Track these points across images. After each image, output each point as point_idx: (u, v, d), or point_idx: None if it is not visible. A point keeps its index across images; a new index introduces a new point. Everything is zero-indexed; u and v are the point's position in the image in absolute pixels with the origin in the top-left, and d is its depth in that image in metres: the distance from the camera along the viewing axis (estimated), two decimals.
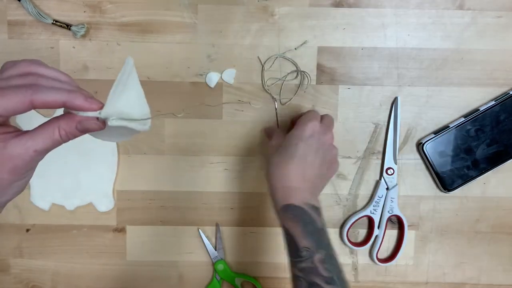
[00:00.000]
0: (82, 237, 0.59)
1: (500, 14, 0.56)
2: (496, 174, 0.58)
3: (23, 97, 0.31)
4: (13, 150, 0.32)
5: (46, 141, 0.33)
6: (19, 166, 0.32)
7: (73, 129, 0.34)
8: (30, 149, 0.32)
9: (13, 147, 0.32)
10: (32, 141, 0.33)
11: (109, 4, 0.56)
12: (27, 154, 0.32)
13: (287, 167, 0.46)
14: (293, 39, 0.56)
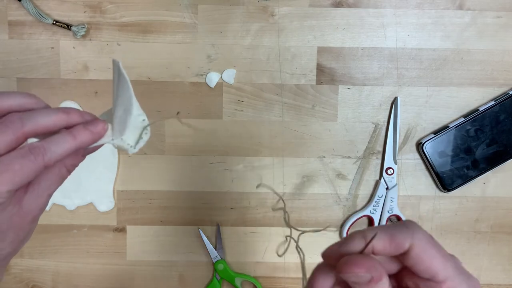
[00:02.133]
0: (83, 237, 0.59)
1: (500, 14, 0.56)
2: (496, 174, 0.58)
3: (36, 167, 0.30)
4: (29, 206, 0.32)
5: (56, 182, 0.33)
6: (38, 213, 0.33)
7: (78, 157, 0.34)
8: (43, 196, 0.33)
9: (29, 204, 0.32)
10: (42, 188, 0.33)
11: (109, 4, 0.56)
12: (42, 202, 0.33)
13: None
14: (293, 39, 0.56)
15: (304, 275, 0.60)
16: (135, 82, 0.57)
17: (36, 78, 0.56)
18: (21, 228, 0.32)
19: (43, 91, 0.56)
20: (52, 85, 0.56)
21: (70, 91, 0.57)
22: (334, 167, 0.58)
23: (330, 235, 0.59)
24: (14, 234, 0.32)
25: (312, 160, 0.58)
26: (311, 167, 0.58)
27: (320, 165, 0.58)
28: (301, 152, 0.58)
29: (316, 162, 0.58)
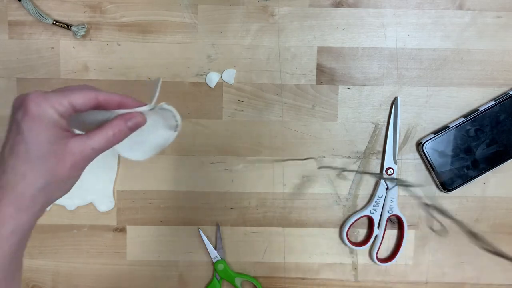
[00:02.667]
0: (83, 237, 0.59)
1: (500, 14, 0.56)
2: (495, 174, 0.58)
3: (93, 94, 0.37)
4: (73, 148, 0.36)
5: (102, 140, 0.37)
6: (78, 161, 0.37)
7: (124, 126, 0.39)
8: (88, 147, 0.37)
9: (74, 145, 0.36)
10: (90, 140, 0.37)
11: (109, 4, 0.56)
12: (85, 151, 0.37)
13: None
14: (293, 39, 0.56)
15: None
16: (135, 82, 0.57)
17: (36, 78, 0.56)
18: (62, 165, 0.36)
19: None
20: (52, 85, 0.56)
21: None
22: (334, 167, 0.58)
23: (330, 235, 0.59)
24: (55, 164, 0.35)
25: (312, 160, 0.58)
26: (311, 167, 0.58)
27: (320, 165, 0.58)
28: (301, 152, 0.58)
29: (316, 162, 0.58)
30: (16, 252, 0.36)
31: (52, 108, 0.35)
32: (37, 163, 0.35)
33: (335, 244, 0.59)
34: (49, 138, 0.35)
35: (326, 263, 0.59)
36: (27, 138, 0.35)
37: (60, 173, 0.36)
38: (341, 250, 0.59)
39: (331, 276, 0.60)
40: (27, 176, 0.35)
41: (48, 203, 0.37)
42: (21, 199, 0.35)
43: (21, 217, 0.35)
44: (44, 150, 0.35)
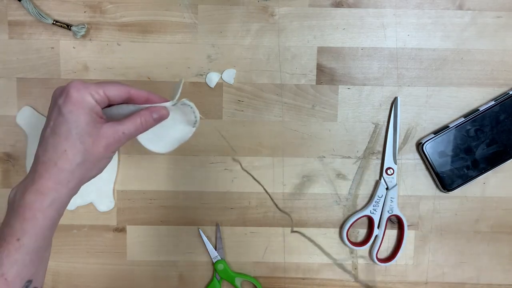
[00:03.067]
0: (82, 237, 0.59)
1: (500, 14, 0.56)
2: (496, 174, 0.58)
3: (125, 88, 0.43)
4: (107, 131, 0.41)
5: (131, 126, 0.43)
6: (111, 143, 0.41)
7: (150, 117, 0.44)
8: (119, 131, 0.42)
9: (107, 129, 0.41)
10: (121, 126, 0.42)
11: (109, 4, 0.56)
12: (117, 134, 0.42)
13: None
14: (293, 39, 0.56)
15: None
16: (135, 82, 0.57)
17: (36, 78, 0.56)
18: (97, 145, 0.41)
19: (43, 91, 0.56)
20: (52, 85, 0.56)
21: None
22: (334, 167, 0.58)
23: (330, 235, 0.59)
24: (91, 144, 0.40)
25: (312, 160, 0.58)
26: (311, 167, 0.58)
27: (320, 165, 0.58)
28: (301, 152, 0.58)
29: (316, 162, 0.58)
30: (51, 227, 0.40)
31: (90, 95, 0.40)
32: (76, 141, 0.40)
33: (335, 244, 0.59)
34: (87, 121, 0.40)
35: (326, 263, 0.59)
36: (68, 119, 0.39)
37: (95, 152, 0.41)
38: (341, 250, 0.59)
39: (331, 276, 0.60)
40: (68, 152, 0.39)
41: (83, 180, 0.42)
42: (62, 173, 0.39)
43: (60, 190, 0.39)
44: (83, 131, 0.40)
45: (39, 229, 0.39)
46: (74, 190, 0.41)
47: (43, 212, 0.39)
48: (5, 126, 0.57)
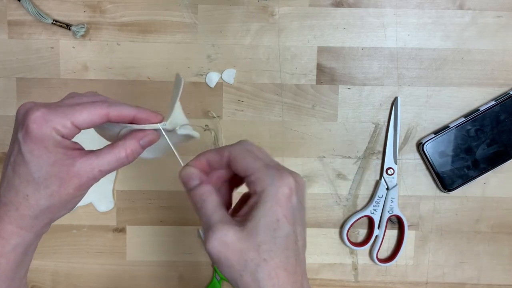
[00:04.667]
0: (82, 237, 0.59)
1: (500, 14, 0.56)
2: (496, 174, 0.58)
3: (100, 109, 0.34)
4: (80, 168, 0.34)
5: (111, 161, 0.35)
6: (84, 183, 0.34)
7: (138, 146, 0.36)
8: (95, 168, 0.34)
9: (81, 166, 0.34)
10: (98, 161, 0.34)
11: (109, 4, 0.56)
12: (92, 173, 0.34)
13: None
14: (293, 39, 0.56)
15: None
16: (135, 82, 0.57)
17: (36, 78, 0.56)
18: (65, 187, 0.34)
19: (43, 91, 0.56)
20: (51, 85, 0.56)
21: (69, 91, 0.55)
22: (334, 167, 0.58)
23: (330, 235, 0.59)
24: (57, 187, 0.34)
25: (312, 160, 0.58)
26: (311, 167, 0.58)
27: (320, 165, 0.58)
28: (301, 152, 0.58)
29: (316, 162, 0.58)
30: (17, 267, 0.36)
31: (53, 130, 0.33)
32: (39, 185, 0.34)
33: (335, 244, 0.59)
34: (51, 161, 0.33)
35: (326, 263, 0.59)
36: (29, 161, 0.33)
37: (64, 195, 0.34)
38: (341, 250, 0.59)
39: (331, 276, 0.60)
40: (29, 198, 0.34)
41: (52, 220, 0.36)
42: (23, 219, 0.35)
43: (24, 235, 0.35)
44: (46, 173, 0.33)
45: (2, 272, 0.35)
46: (43, 230, 0.37)
47: (6, 257, 0.35)
48: (5, 126, 0.57)
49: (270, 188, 0.31)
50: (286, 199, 0.31)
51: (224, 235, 0.31)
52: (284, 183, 0.32)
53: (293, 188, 0.32)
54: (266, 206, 0.31)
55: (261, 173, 0.32)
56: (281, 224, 0.31)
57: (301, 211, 0.33)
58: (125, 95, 0.57)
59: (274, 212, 0.31)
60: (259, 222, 0.31)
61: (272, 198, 0.31)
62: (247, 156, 0.33)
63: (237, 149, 0.34)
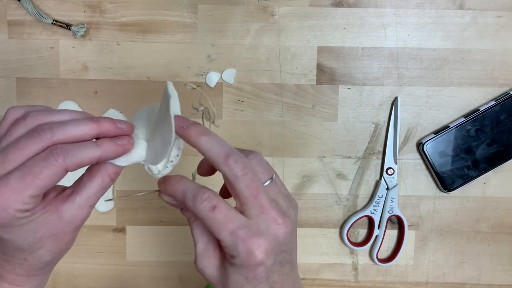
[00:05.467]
0: (82, 237, 0.58)
1: (500, 14, 0.56)
2: (496, 174, 0.58)
3: (56, 168, 0.30)
4: (69, 216, 0.31)
5: (98, 192, 0.32)
6: (79, 223, 0.32)
7: (119, 166, 0.33)
8: (85, 208, 0.32)
9: (69, 213, 0.31)
10: (84, 199, 0.32)
11: (109, 4, 0.56)
12: (84, 213, 0.32)
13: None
14: (293, 39, 0.56)
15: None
16: (135, 82, 0.57)
17: (36, 78, 0.56)
18: (61, 238, 0.32)
19: (43, 91, 0.56)
20: (51, 85, 0.56)
21: (69, 91, 0.57)
22: (334, 167, 0.58)
23: (330, 235, 0.59)
24: (53, 242, 0.32)
25: (312, 160, 0.58)
26: (311, 167, 0.58)
27: (320, 165, 0.58)
28: (301, 152, 0.58)
29: (316, 162, 0.58)
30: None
31: (16, 212, 0.30)
32: (34, 249, 0.32)
33: (335, 244, 0.59)
34: (33, 229, 0.31)
35: (326, 263, 0.59)
36: (9, 240, 0.31)
37: (63, 245, 0.33)
38: (341, 250, 0.59)
39: (331, 276, 0.60)
40: (28, 260, 0.33)
41: (58, 261, 0.35)
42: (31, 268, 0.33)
43: (34, 279, 0.35)
44: (34, 239, 0.31)
45: None
46: (50, 272, 0.36)
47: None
48: None
49: (237, 259, 0.31)
50: (255, 267, 0.31)
51: (203, 268, 0.34)
52: (252, 256, 0.31)
53: (267, 253, 0.31)
54: (235, 271, 0.32)
55: (227, 244, 0.32)
56: (250, 282, 0.32)
57: (277, 262, 0.33)
58: (125, 95, 0.57)
59: (243, 275, 0.32)
60: (229, 276, 0.32)
61: (240, 267, 0.32)
62: (211, 224, 0.32)
63: (201, 211, 0.32)
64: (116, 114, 0.56)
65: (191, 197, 0.33)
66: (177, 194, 0.34)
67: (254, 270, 0.31)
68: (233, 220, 0.32)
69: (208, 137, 0.33)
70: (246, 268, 0.31)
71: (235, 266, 0.32)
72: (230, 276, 0.32)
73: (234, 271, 0.32)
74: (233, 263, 0.32)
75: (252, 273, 0.31)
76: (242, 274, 0.32)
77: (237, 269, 0.32)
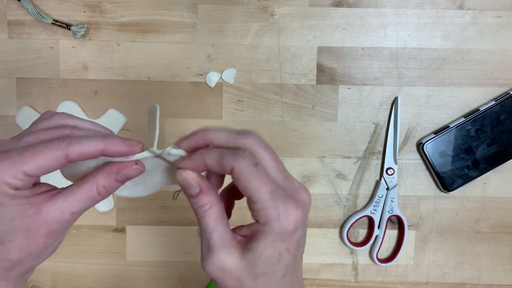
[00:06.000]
0: (82, 237, 0.58)
1: (500, 14, 0.56)
2: (496, 174, 0.58)
3: (57, 151, 0.29)
4: (48, 215, 0.30)
5: (83, 201, 0.31)
6: (55, 229, 0.30)
7: (112, 182, 0.31)
8: (66, 212, 0.30)
9: (48, 212, 0.30)
10: (67, 203, 0.30)
11: (109, 4, 0.56)
12: (62, 218, 0.30)
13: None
14: (293, 39, 0.56)
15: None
16: (135, 82, 0.57)
17: (36, 78, 0.56)
18: (33, 237, 0.30)
19: (43, 91, 0.56)
20: (51, 85, 0.56)
21: (69, 91, 0.57)
22: (334, 167, 0.58)
23: (330, 235, 0.59)
24: (25, 240, 0.30)
25: (312, 160, 0.58)
26: (311, 167, 0.58)
27: (320, 165, 0.58)
28: (301, 152, 0.58)
29: (316, 162, 0.58)
30: None
31: (4, 185, 0.29)
32: (3, 241, 0.30)
33: (335, 244, 0.59)
34: (10, 216, 0.29)
35: (326, 263, 0.59)
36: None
37: (34, 247, 0.30)
38: (341, 250, 0.59)
39: (331, 276, 0.60)
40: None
41: (31, 268, 0.33)
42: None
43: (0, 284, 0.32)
44: (8, 228, 0.29)
45: None
46: (22, 279, 0.33)
47: None
48: (5, 126, 0.57)
49: (274, 223, 0.30)
50: (290, 234, 0.30)
51: (223, 262, 0.30)
52: (290, 219, 0.30)
53: (299, 223, 0.30)
54: (268, 241, 0.30)
55: (266, 204, 0.30)
56: (282, 257, 0.30)
57: (304, 235, 0.32)
58: (125, 95, 0.57)
59: (276, 247, 0.30)
60: (260, 255, 0.30)
61: (275, 234, 0.30)
62: (252, 178, 0.30)
63: (242, 166, 0.30)
64: (116, 114, 0.56)
65: (232, 155, 0.31)
66: (210, 158, 0.31)
67: (289, 239, 0.30)
68: (272, 181, 0.31)
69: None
70: (281, 236, 0.30)
71: (268, 236, 0.30)
72: (260, 255, 0.30)
73: (266, 245, 0.30)
74: (266, 232, 0.30)
75: (286, 243, 0.30)
76: (275, 247, 0.30)
77: (269, 242, 0.30)
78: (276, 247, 0.30)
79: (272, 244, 0.30)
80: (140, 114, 0.57)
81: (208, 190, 0.32)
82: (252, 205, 0.30)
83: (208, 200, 0.32)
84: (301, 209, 0.31)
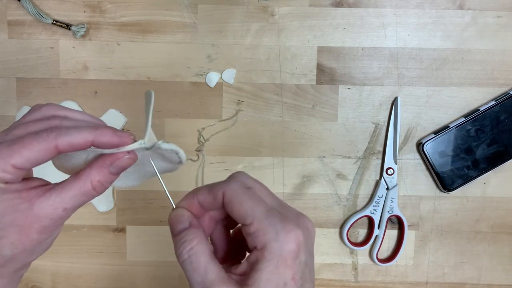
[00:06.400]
0: (82, 237, 0.59)
1: (500, 14, 0.56)
2: (496, 174, 0.58)
3: (46, 143, 0.28)
4: (40, 211, 0.29)
5: (77, 197, 0.30)
6: (48, 226, 0.30)
7: (106, 175, 0.31)
8: (58, 208, 0.30)
9: (40, 208, 0.29)
10: (60, 199, 0.30)
11: (109, 4, 0.56)
12: (55, 214, 0.30)
13: None
14: (293, 39, 0.56)
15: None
16: (135, 82, 0.57)
17: (36, 78, 0.56)
18: (26, 233, 0.29)
19: (43, 91, 0.56)
20: (51, 85, 0.56)
21: (69, 91, 0.57)
22: (334, 167, 0.58)
23: (330, 235, 0.59)
24: (17, 235, 0.29)
25: (312, 160, 0.58)
26: (311, 167, 0.58)
27: (320, 165, 0.58)
28: (301, 152, 0.58)
29: (316, 162, 0.58)
30: None
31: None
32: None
33: (335, 244, 0.59)
34: (1, 210, 0.29)
35: (326, 263, 0.59)
36: None
37: (27, 243, 0.30)
38: (341, 250, 0.59)
39: (331, 276, 0.60)
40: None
41: (25, 265, 0.32)
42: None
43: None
44: (1, 226, 0.29)
45: None
46: (16, 276, 0.32)
47: None
48: (5, 126, 0.57)
49: (273, 244, 0.27)
50: (294, 257, 0.27)
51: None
52: (290, 237, 0.27)
53: (302, 242, 0.27)
54: (270, 268, 0.27)
55: (262, 224, 0.27)
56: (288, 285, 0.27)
57: (310, 264, 0.28)
58: (125, 95, 0.57)
59: (281, 275, 0.27)
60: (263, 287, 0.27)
61: (277, 257, 0.27)
62: (244, 200, 0.28)
63: (232, 189, 0.29)
64: (116, 114, 0.56)
65: (222, 182, 0.30)
66: (201, 190, 0.31)
67: (293, 263, 0.27)
68: (267, 203, 0.29)
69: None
70: (285, 260, 0.27)
71: (269, 262, 0.27)
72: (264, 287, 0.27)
73: (270, 273, 0.27)
74: (266, 257, 0.27)
75: (291, 269, 0.27)
76: (280, 275, 0.27)
77: (273, 268, 0.27)
78: (281, 275, 0.27)
79: (276, 271, 0.27)
80: (140, 114, 0.57)
81: (197, 226, 0.30)
82: (247, 229, 0.28)
83: (195, 234, 0.29)
84: (301, 229, 0.27)
